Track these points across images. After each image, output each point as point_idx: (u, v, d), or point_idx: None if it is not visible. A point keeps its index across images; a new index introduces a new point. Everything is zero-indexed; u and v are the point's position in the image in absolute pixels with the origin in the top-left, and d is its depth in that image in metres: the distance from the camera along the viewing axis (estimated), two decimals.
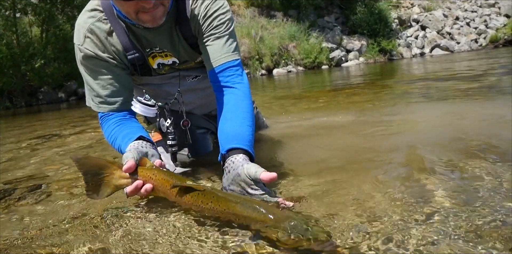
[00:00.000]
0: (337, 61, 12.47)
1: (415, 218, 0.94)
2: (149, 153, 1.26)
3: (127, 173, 1.17)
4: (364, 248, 0.83)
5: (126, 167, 1.15)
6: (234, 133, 1.25)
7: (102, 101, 1.44)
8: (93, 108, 1.48)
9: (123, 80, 1.47)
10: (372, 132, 2.01)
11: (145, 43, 1.45)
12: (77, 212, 1.24)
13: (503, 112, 2.11)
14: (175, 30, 1.45)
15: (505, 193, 1.04)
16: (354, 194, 1.14)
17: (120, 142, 1.35)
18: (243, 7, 13.41)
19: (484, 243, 0.81)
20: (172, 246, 0.94)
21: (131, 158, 1.17)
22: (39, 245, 1.02)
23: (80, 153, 2.28)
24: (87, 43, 1.38)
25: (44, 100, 9.14)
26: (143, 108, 1.47)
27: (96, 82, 1.43)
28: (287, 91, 5.69)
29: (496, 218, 0.91)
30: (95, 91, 1.43)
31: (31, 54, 8.76)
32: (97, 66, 1.41)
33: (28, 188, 1.62)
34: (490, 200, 1.01)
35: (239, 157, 1.16)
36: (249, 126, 1.28)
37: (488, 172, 1.23)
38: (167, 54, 1.51)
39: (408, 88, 4.22)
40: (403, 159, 1.48)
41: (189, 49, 1.51)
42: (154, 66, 1.53)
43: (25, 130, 3.99)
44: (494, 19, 14.22)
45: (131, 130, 1.39)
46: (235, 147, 1.20)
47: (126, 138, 1.34)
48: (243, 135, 1.24)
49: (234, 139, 1.22)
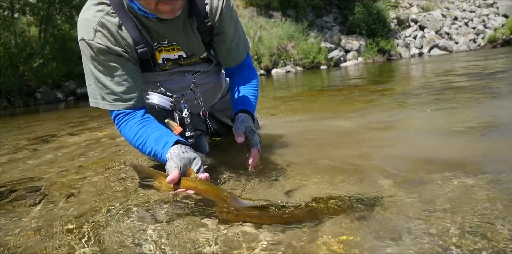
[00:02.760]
0: (336, 61, 12.48)
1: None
2: (191, 158, 1.24)
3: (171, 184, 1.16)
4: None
5: (170, 179, 1.14)
6: (243, 100, 1.59)
7: (117, 98, 1.40)
8: (106, 107, 1.43)
9: (136, 75, 1.44)
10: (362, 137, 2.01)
11: (154, 36, 1.44)
12: (75, 214, 1.24)
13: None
14: (188, 22, 1.45)
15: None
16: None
17: (153, 146, 1.33)
18: (241, 7, 13.42)
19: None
20: (175, 247, 0.93)
21: (175, 168, 1.16)
22: (37, 247, 1.02)
23: (79, 153, 2.27)
24: (98, 37, 1.34)
25: (42, 100, 9.13)
26: (161, 98, 1.45)
27: (109, 79, 1.39)
28: (286, 91, 5.69)
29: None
30: (109, 88, 1.39)
31: (29, 53, 8.74)
32: (111, 61, 1.37)
33: (26, 190, 1.61)
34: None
35: (244, 115, 1.51)
36: (255, 96, 1.65)
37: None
38: (174, 48, 1.50)
39: (406, 89, 4.23)
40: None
41: (200, 42, 1.52)
42: (160, 60, 1.51)
43: (23, 130, 3.98)
44: (492, 19, 14.25)
45: (161, 132, 1.37)
46: (243, 109, 1.53)
47: (161, 143, 1.31)
48: (250, 102, 1.60)
49: (244, 104, 1.57)
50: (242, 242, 0.94)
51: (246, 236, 0.96)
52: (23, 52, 8.65)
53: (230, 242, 0.94)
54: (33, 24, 9.70)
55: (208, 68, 1.65)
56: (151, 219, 1.13)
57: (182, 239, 0.98)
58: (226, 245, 0.92)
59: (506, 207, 0.97)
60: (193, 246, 0.94)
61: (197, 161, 1.25)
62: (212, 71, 1.70)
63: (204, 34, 1.50)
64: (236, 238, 0.96)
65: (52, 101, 9.11)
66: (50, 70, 9.03)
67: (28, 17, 9.64)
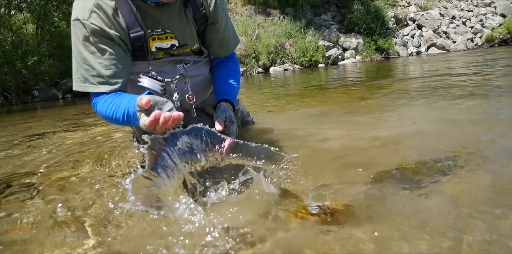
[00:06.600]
0: (334, 59, 12.48)
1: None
2: (162, 100, 1.15)
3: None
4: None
5: (145, 102, 1.07)
6: (226, 89, 1.66)
7: (102, 81, 1.37)
8: (89, 89, 1.38)
9: (125, 62, 1.43)
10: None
11: (149, 22, 1.44)
12: (68, 209, 1.24)
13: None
14: (184, 11, 1.48)
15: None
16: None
17: (126, 105, 1.27)
18: (240, 5, 13.40)
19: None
20: (165, 237, 0.94)
21: (146, 95, 1.12)
22: (31, 241, 1.03)
23: (74, 150, 2.27)
24: (93, 18, 1.33)
25: (39, 98, 9.09)
26: (151, 82, 1.44)
27: (98, 61, 1.36)
28: (285, 89, 5.69)
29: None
30: (96, 70, 1.36)
31: (25, 51, 8.70)
32: (102, 43, 1.36)
33: (20, 185, 1.62)
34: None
35: (226, 104, 1.56)
36: (236, 86, 1.71)
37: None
38: (167, 36, 1.50)
39: (404, 86, 4.24)
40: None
41: (194, 32, 1.55)
42: (153, 49, 1.51)
43: (19, 127, 3.97)
44: (490, 19, 14.29)
45: (135, 95, 1.31)
46: (226, 98, 1.59)
47: (133, 99, 1.24)
48: (232, 92, 1.67)
49: (227, 93, 1.63)
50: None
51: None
52: (19, 49, 8.61)
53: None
54: (30, 21, 9.66)
55: (199, 58, 1.67)
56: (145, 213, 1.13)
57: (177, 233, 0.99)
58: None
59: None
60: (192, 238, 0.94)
61: (169, 103, 1.18)
62: (203, 62, 1.71)
63: (199, 22, 1.54)
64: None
65: (49, 99, 9.08)
66: (47, 68, 9.00)
67: (24, 14, 9.59)
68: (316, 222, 0.98)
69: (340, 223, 0.96)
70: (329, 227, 0.94)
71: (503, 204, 0.98)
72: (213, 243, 0.89)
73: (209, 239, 0.90)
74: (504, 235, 0.83)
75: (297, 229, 0.95)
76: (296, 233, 0.93)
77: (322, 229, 0.94)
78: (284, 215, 1.03)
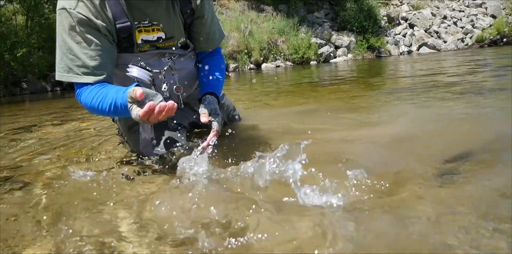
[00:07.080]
0: (326, 57, 12.51)
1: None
2: (153, 92, 1.20)
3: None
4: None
5: (139, 93, 1.12)
6: (211, 83, 1.68)
7: (87, 72, 1.37)
8: (72, 79, 1.38)
9: (111, 54, 1.43)
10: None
11: (136, 14, 1.45)
12: (51, 202, 1.25)
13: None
14: (172, 4, 1.50)
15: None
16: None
17: (114, 96, 1.28)
18: (233, 1, 13.34)
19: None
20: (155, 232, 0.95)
21: (138, 87, 1.16)
22: (9, 232, 1.03)
23: (59, 143, 2.26)
24: (80, 7, 1.33)
25: (28, 90, 8.97)
26: (141, 71, 1.45)
27: (84, 51, 1.35)
28: (276, 85, 5.71)
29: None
30: (81, 60, 1.36)
31: (14, 42, 8.57)
32: (89, 33, 1.35)
33: (4, 178, 1.61)
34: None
35: (211, 97, 1.59)
36: (222, 80, 1.74)
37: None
38: (154, 29, 1.51)
39: (394, 85, 4.28)
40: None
41: (181, 25, 1.57)
42: (138, 41, 1.51)
43: (6, 120, 3.93)
44: (481, 19, 14.44)
45: (121, 87, 1.33)
46: (211, 91, 1.62)
47: (122, 90, 1.27)
48: (218, 85, 1.69)
49: (212, 87, 1.65)
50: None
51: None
52: (8, 40, 8.47)
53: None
54: (20, 12, 9.51)
55: (184, 52, 1.68)
56: (130, 205, 1.14)
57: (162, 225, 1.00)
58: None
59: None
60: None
61: (159, 96, 1.21)
62: (188, 56, 1.72)
63: (186, 15, 1.56)
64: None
65: (38, 91, 8.96)
66: (37, 60, 8.88)
67: (14, 5, 9.44)
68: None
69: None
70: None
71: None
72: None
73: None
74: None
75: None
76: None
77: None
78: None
